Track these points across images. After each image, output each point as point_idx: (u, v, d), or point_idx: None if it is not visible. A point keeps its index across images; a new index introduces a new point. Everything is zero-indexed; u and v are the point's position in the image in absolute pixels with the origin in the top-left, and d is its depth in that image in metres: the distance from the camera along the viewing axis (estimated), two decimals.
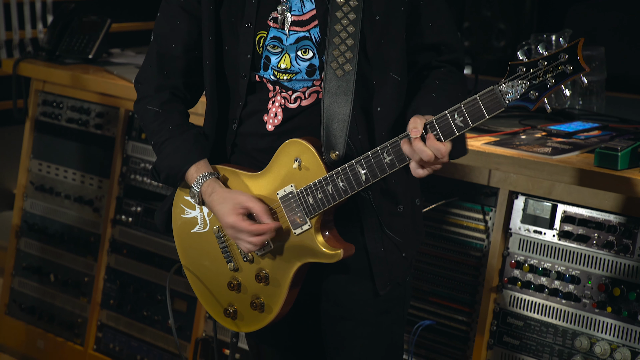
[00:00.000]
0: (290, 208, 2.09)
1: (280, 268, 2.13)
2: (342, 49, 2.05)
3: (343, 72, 2.05)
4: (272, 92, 2.13)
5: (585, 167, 2.42)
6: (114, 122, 3.59)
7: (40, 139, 3.83)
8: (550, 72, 1.87)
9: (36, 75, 3.81)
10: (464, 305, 2.71)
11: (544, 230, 2.56)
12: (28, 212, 3.84)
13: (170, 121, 2.21)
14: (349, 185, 2.03)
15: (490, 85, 1.92)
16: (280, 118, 2.12)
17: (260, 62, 2.12)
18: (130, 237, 3.52)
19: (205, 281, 2.24)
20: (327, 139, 2.05)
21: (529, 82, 1.88)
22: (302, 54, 2.10)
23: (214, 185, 2.14)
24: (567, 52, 1.85)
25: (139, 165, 3.51)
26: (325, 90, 2.05)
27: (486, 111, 1.91)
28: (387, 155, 1.99)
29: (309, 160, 2.06)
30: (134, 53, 4.04)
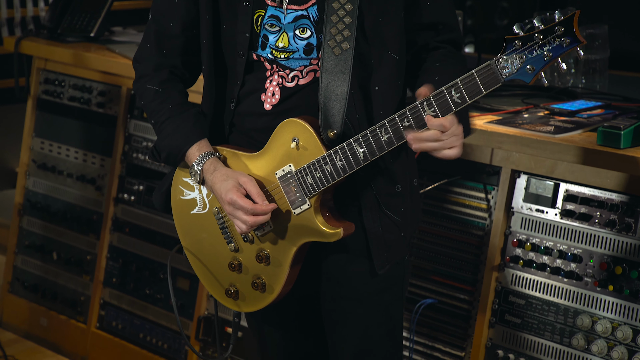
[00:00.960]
0: (289, 188, 2.09)
1: (280, 248, 2.13)
2: (339, 27, 2.04)
3: (341, 51, 2.04)
4: (269, 71, 2.12)
5: (588, 145, 2.42)
6: (116, 100, 3.58)
7: (42, 118, 3.83)
8: (546, 46, 1.86)
9: (38, 54, 3.80)
10: (466, 284, 2.72)
11: (546, 209, 2.56)
12: (30, 190, 3.84)
13: (170, 100, 2.20)
14: (348, 164, 2.03)
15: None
16: (278, 97, 2.12)
17: (258, 41, 2.11)
18: (133, 216, 3.53)
19: (206, 262, 2.25)
20: (324, 117, 2.04)
21: (525, 56, 1.87)
22: (300, 32, 2.09)
23: (216, 163, 2.14)
24: (562, 24, 1.84)
25: (141, 143, 3.51)
26: (323, 69, 2.05)
27: (483, 87, 1.90)
28: (385, 133, 1.99)
29: (307, 140, 2.06)
30: (135, 31, 4.03)
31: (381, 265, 2.15)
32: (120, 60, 3.51)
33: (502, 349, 2.63)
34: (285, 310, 2.29)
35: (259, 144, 2.13)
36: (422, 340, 2.80)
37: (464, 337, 2.72)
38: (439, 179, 2.73)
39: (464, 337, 2.72)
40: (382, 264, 2.15)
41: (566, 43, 1.85)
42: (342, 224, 2.09)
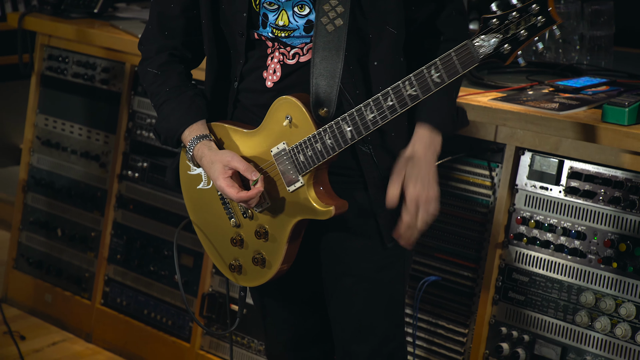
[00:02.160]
0: (283, 165, 2.09)
1: (277, 224, 2.14)
2: (332, 4, 2.02)
3: (334, 27, 2.03)
4: (270, 49, 2.12)
5: (593, 122, 2.41)
6: (119, 77, 3.58)
7: (46, 94, 3.82)
8: (521, 24, 1.84)
9: (41, 30, 3.79)
10: (470, 261, 2.72)
11: (550, 187, 2.55)
12: (35, 167, 3.84)
13: (167, 83, 2.22)
14: (336, 143, 2.02)
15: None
16: (279, 74, 2.11)
17: (258, 20, 2.11)
18: (137, 193, 3.53)
19: (211, 237, 2.26)
20: (315, 96, 2.04)
21: (501, 35, 1.86)
22: (299, 10, 2.08)
23: (203, 149, 2.15)
24: (538, 3, 1.82)
25: (145, 120, 3.50)
26: (315, 46, 2.04)
27: (460, 66, 1.90)
28: (370, 112, 1.99)
29: (299, 118, 2.06)
30: (139, 8, 4.01)
31: (389, 239, 2.15)
32: (124, 37, 3.50)
33: (506, 326, 2.63)
34: (290, 286, 2.30)
35: (261, 120, 2.13)
36: (426, 318, 2.80)
37: (467, 315, 2.72)
38: (443, 157, 2.73)
39: (467, 314, 2.72)
40: (389, 238, 2.15)
41: (541, 22, 1.83)
42: (335, 202, 2.09)
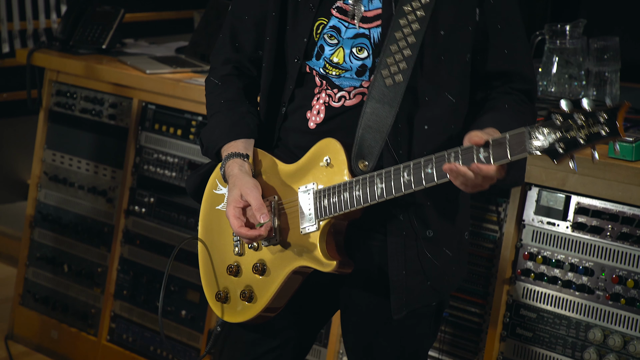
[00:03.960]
0: (305, 205, 2.04)
1: (278, 263, 2.08)
2: (397, 58, 1.96)
3: (393, 82, 1.97)
4: (318, 88, 2.07)
5: (600, 158, 2.38)
6: (127, 112, 3.59)
7: (54, 129, 3.84)
8: (584, 129, 1.74)
9: (50, 66, 3.82)
10: (477, 297, 2.70)
11: (558, 222, 2.54)
12: (42, 202, 3.85)
13: (223, 95, 2.18)
14: (364, 196, 1.95)
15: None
16: (323, 116, 2.06)
17: (314, 50, 2.06)
18: (144, 228, 3.53)
19: (212, 259, 2.21)
20: (359, 147, 1.98)
21: (561, 133, 1.76)
22: (357, 51, 2.03)
23: (234, 166, 2.09)
24: (607, 113, 1.72)
25: (152, 155, 3.51)
26: (370, 96, 1.97)
27: (510, 153, 1.79)
28: (407, 175, 1.91)
29: (337, 162, 2.00)
30: (147, 43, 4.04)
31: (398, 310, 2.06)
32: (131, 72, 3.52)
33: None
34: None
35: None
36: (433, 354, 2.78)
37: (475, 351, 2.70)
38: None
39: (475, 350, 2.70)
40: (398, 309, 2.06)
41: (605, 132, 1.72)
42: (341, 258, 2.02)
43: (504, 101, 2.04)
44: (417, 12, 1.97)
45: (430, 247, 2.06)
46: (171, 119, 3.46)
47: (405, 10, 1.97)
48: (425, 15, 1.97)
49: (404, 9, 1.97)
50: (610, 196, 2.46)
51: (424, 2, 1.97)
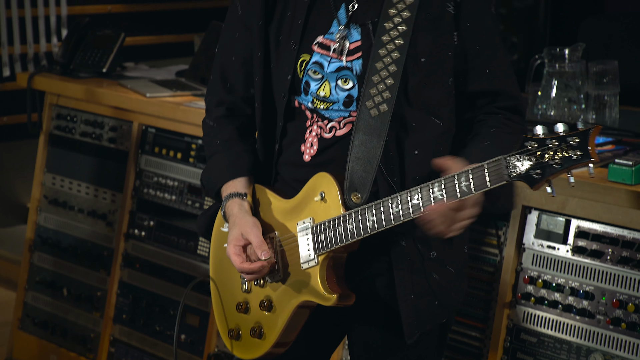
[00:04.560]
0: (304, 240, 2.05)
1: (283, 299, 2.10)
2: (380, 88, 1.98)
3: (378, 112, 1.98)
4: (309, 121, 2.09)
5: (599, 182, 2.41)
6: (127, 135, 3.59)
7: (54, 153, 3.84)
8: (558, 154, 1.75)
9: (50, 89, 3.83)
10: (477, 321, 2.69)
11: (558, 246, 2.54)
12: (42, 226, 3.85)
13: (220, 136, 2.20)
14: (357, 229, 1.97)
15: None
16: (316, 148, 2.08)
17: (300, 86, 2.08)
18: (143, 252, 3.52)
19: (223, 297, 2.23)
20: (350, 180, 1.99)
21: (536, 159, 1.77)
22: (342, 83, 2.04)
23: (234, 206, 2.12)
24: (579, 136, 1.74)
25: (152, 179, 3.51)
26: (357, 128, 1.99)
27: (489, 181, 1.82)
28: (395, 207, 1.93)
29: (331, 197, 2.02)
30: (147, 67, 4.05)
31: (410, 334, 2.06)
32: (131, 96, 3.53)
33: None
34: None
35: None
36: None
37: None
38: None
39: None
40: (411, 332, 2.06)
41: (577, 156, 1.74)
42: (341, 291, 2.03)
43: (490, 125, 2.06)
44: (395, 40, 1.99)
45: (435, 267, 2.08)
46: (171, 142, 3.47)
47: (383, 40, 1.99)
48: (404, 43, 1.98)
49: (382, 39, 1.99)
50: (611, 220, 2.46)
51: (401, 31, 1.99)
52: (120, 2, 5.04)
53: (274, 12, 2.11)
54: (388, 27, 1.99)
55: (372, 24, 2.02)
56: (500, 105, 2.07)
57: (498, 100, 2.07)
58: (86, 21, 3.94)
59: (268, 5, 2.11)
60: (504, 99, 2.07)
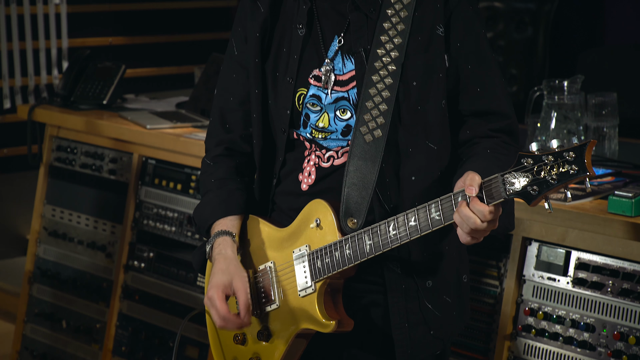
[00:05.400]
0: (300, 268, 2.05)
1: (281, 329, 2.09)
2: (374, 114, 2.00)
3: (372, 138, 2.00)
4: (307, 150, 2.10)
5: (599, 213, 2.41)
6: (127, 167, 3.60)
7: (54, 185, 3.84)
8: (554, 169, 1.76)
9: (51, 121, 3.84)
10: (478, 353, 2.68)
11: (558, 277, 2.54)
12: (41, 258, 3.84)
13: (214, 174, 2.21)
14: (354, 254, 1.97)
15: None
16: (314, 177, 2.09)
17: (299, 119, 2.10)
18: (143, 283, 3.51)
19: (219, 330, 2.22)
20: (346, 206, 2.00)
21: (532, 175, 1.78)
22: (341, 113, 2.06)
23: (223, 246, 2.12)
24: (574, 151, 1.75)
25: (152, 210, 3.51)
26: (352, 154, 2.00)
27: (486, 199, 1.82)
28: (393, 230, 1.93)
29: (327, 223, 2.02)
30: (147, 98, 4.07)
31: None
32: (132, 128, 3.54)
33: None
34: None
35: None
36: None
37: None
38: None
39: None
40: None
41: (574, 170, 1.74)
42: (340, 317, 2.02)
43: (485, 146, 2.06)
44: (388, 67, 2.01)
45: (431, 297, 2.07)
46: (171, 174, 3.47)
47: (376, 66, 2.01)
48: (396, 69, 2.00)
49: (375, 66, 2.01)
50: (611, 252, 2.46)
51: (393, 57, 2.01)
52: (121, 35, 5.07)
53: (270, 50, 2.13)
54: (380, 53, 2.01)
55: (365, 51, 2.03)
56: (494, 127, 2.07)
57: (492, 121, 2.07)
58: (87, 53, 3.96)
59: (264, 44, 2.13)
60: (497, 118, 2.07)
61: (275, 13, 2.13)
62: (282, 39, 2.12)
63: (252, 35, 2.14)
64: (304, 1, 2.08)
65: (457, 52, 2.04)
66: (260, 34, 2.12)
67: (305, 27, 2.08)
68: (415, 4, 2.02)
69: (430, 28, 2.02)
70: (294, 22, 2.10)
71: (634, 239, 2.37)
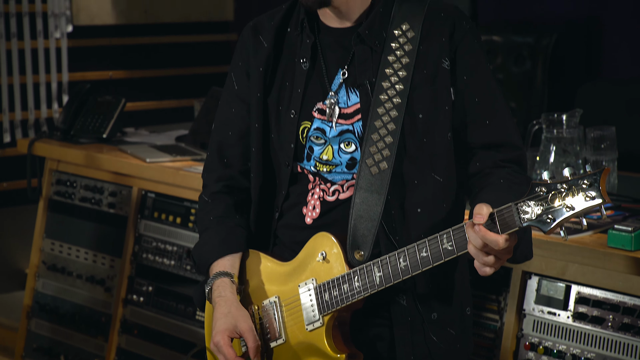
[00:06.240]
0: (307, 302, 2.04)
1: None
2: (379, 146, 2.01)
3: (378, 170, 2.00)
4: (311, 184, 2.10)
5: (599, 247, 2.40)
6: (126, 200, 3.60)
7: (53, 218, 3.84)
8: (569, 197, 1.77)
9: (51, 155, 3.84)
10: None
11: (558, 312, 2.53)
12: (40, 292, 3.83)
13: (213, 212, 2.21)
14: (364, 286, 1.97)
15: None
16: (319, 211, 2.09)
17: (303, 152, 2.10)
18: (142, 317, 3.50)
19: None
20: (353, 238, 2.00)
21: (546, 204, 1.78)
22: (345, 146, 2.06)
23: (223, 288, 2.10)
24: (589, 178, 1.76)
25: (151, 244, 3.51)
26: (358, 187, 2.01)
27: (500, 228, 1.82)
28: (403, 261, 1.93)
29: (333, 256, 2.02)
30: (147, 132, 4.07)
31: None
32: (131, 161, 3.54)
33: None
34: None
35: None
36: None
37: None
38: None
39: None
40: None
41: (589, 198, 1.75)
42: (350, 351, 2.01)
43: (498, 176, 2.05)
44: (393, 99, 2.02)
45: (435, 329, 2.08)
46: (171, 207, 3.47)
47: (381, 99, 2.02)
48: (402, 101, 2.01)
49: (380, 98, 2.02)
50: (611, 286, 2.45)
51: (398, 89, 2.02)
52: (121, 68, 5.09)
53: (273, 84, 2.13)
54: (385, 86, 2.02)
55: (370, 83, 2.04)
56: (505, 158, 2.07)
57: (502, 152, 2.07)
58: (87, 87, 3.97)
59: (267, 78, 2.14)
60: (508, 150, 2.07)
61: (278, 47, 2.14)
62: (285, 73, 2.12)
63: (255, 70, 2.14)
64: (307, 35, 2.09)
65: (464, 86, 2.04)
66: (263, 69, 2.13)
67: (309, 61, 2.09)
68: (420, 37, 2.03)
69: (436, 62, 2.03)
70: (297, 56, 2.11)
71: (634, 273, 2.37)
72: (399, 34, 2.04)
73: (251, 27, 2.18)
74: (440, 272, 2.04)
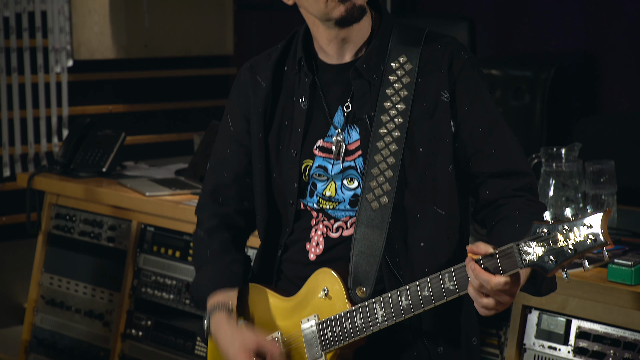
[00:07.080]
0: (309, 338, 2.03)
1: None
2: (379, 181, 2.00)
3: (378, 205, 1.99)
4: (314, 220, 2.10)
5: (599, 282, 2.40)
6: (126, 234, 3.59)
7: (52, 253, 3.83)
8: (570, 239, 1.76)
9: (50, 189, 3.84)
10: None
11: (559, 346, 2.51)
12: (38, 326, 3.81)
13: (209, 247, 2.20)
14: (365, 325, 1.96)
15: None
16: (322, 247, 2.08)
17: (306, 189, 2.10)
18: (140, 352, 3.48)
19: None
20: (354, 274, 1.99)
21: (548, 245, 1.78)
22: (348, 183, 2.06)
23: (219, 320, 2.10)
24: (590, 220, 1.75)
25: (150, 278, 3.50)
26: (359, 222, 2.00)
27: (502, 268, 1.81)
28: (405, 299, 1.92)
29: (335, 292, 2.01)
30: (147, 166, 4.08)
31: None
32: (131, 195, 3.54)
33: None
34: None
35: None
36: None
37: None
38: None
39: None
40: None
41: (590, 240, 1.74)
42: None
43: (513, 207, 2.02)
44: (392, 133, 2.01)
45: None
46: (170, 241, 3.46)
47: (380, 133, 2.01)
48: (401, 135, 2.00)
49: (380, 132, 2.01)
50: (612, 321, 2.44)
51: (398, 123, 2.01)
52: (121, 102, 5.11)
53: (272, 123, 2.13)
54: (384, 120, 2.02)
55: (369, 118, 2.04)
56: (517, 187, 2.04)
57: (513, 180, 2.04)
58: (87, 121, 3.98)
59: (266, 118, 2.13)
60: (518, 178, 2.05)
61: (276, 86, 2.14)
62: (284, 112, 2.12)
63: (255, 111, 2.14)
64: (305, 74, 2.09)
65: (466, 117, 2.03)
66: (262, 109, 2.13)
67: (307, 100, 2.09)
68: (418, 70, 2.03)
69: (435, 94, 2.02)
70: (296, 95, 2.10)
71: (634, 307, 2.36)
72: (396, 66, 2.03)
73: (248, 68, 2.19)
74: (447, 307, 2.01)
